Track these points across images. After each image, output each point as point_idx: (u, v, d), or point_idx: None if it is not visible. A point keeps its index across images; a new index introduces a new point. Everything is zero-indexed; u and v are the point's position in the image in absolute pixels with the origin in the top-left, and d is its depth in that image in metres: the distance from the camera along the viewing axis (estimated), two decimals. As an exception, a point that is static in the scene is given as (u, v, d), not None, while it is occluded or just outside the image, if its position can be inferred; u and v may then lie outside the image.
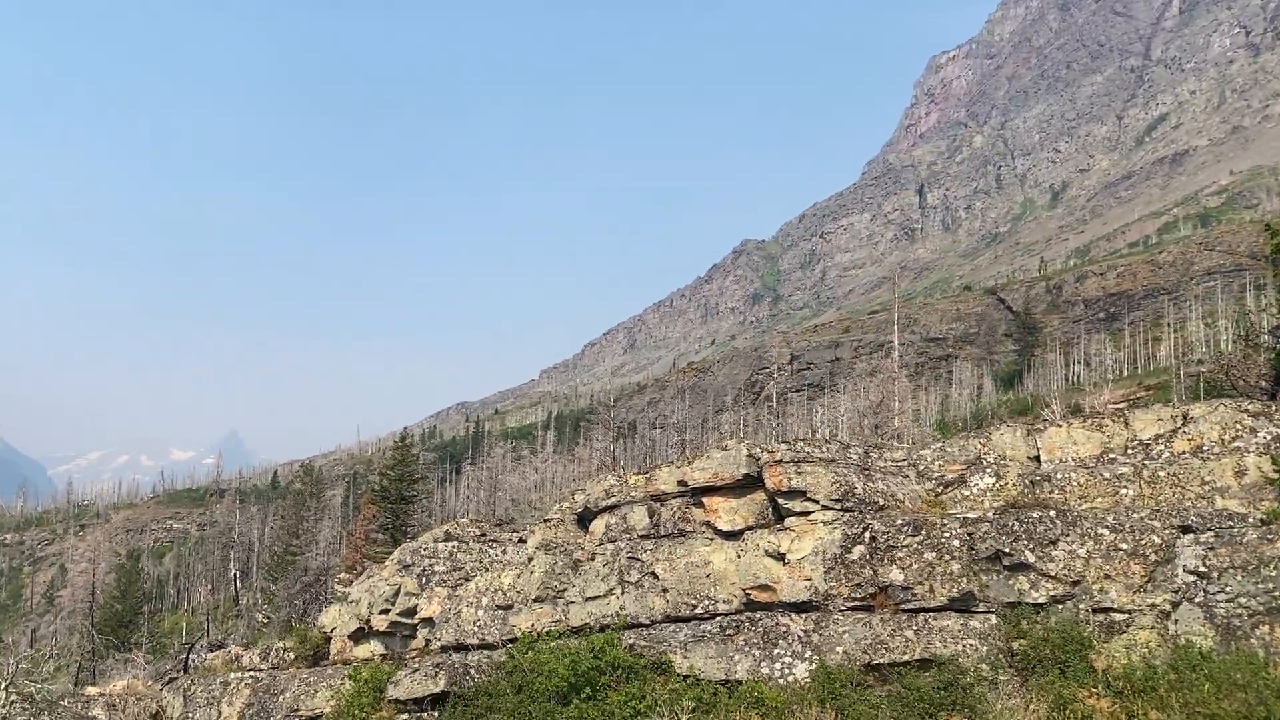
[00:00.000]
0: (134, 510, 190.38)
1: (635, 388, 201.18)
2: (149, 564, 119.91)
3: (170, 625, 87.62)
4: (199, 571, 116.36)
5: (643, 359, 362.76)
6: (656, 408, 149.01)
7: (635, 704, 12.84)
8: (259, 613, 66.62)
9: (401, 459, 57.56)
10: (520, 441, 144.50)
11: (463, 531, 21.58)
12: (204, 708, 20.00)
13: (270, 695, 18.85)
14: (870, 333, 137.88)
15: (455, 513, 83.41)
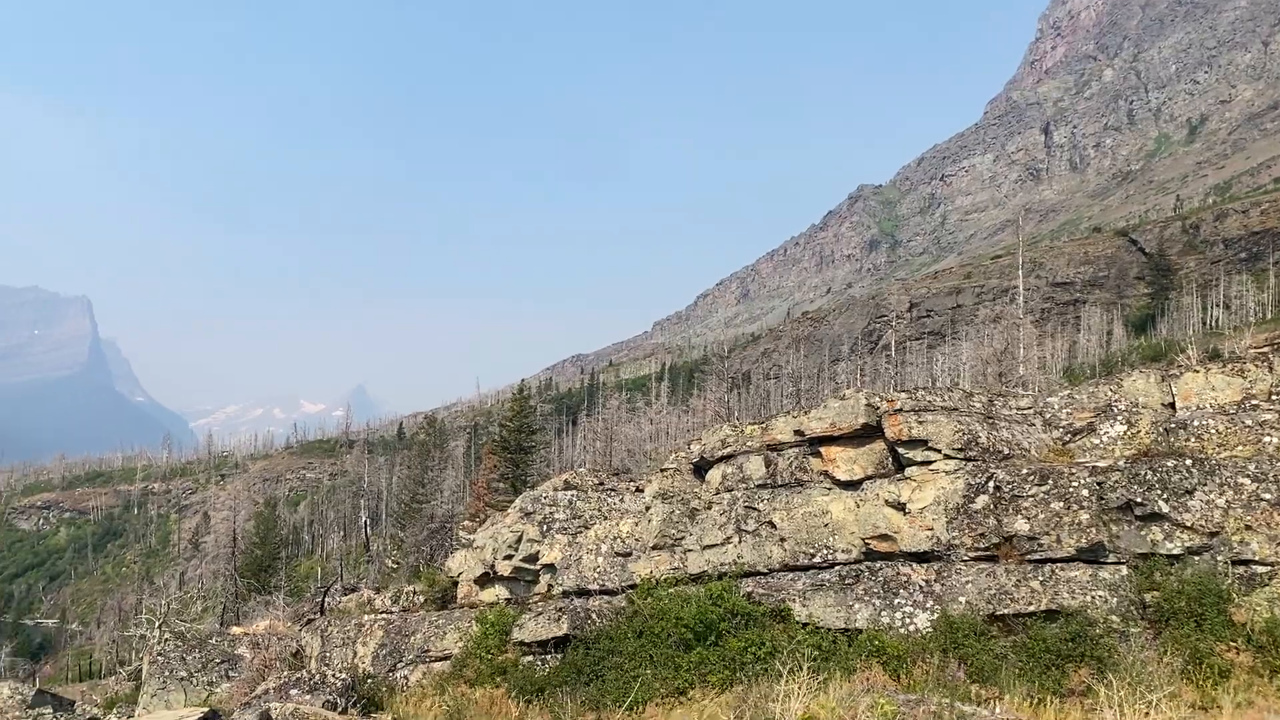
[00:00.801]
0: (270, 461, 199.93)
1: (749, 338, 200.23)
2: (285, 512, 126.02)
3: (306, 570, 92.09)
4: (331, 519, 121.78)
5: (756, 309, 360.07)
6: (771, 358, 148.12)
7: (755, 650, 12.95)
8: (388, 558, 69.39)
9: (520, 411, 58.85)
10: (634, 393, 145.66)
11: (581, 480, 21.95)
12: (340, 648, 20.95)
13: (402, 636, 19.63)
14: (993, 278, 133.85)
15: (572, 463, 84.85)
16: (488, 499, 51.50)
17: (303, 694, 16.14)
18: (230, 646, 25.18)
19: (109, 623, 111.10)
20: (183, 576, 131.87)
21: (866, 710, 9.58)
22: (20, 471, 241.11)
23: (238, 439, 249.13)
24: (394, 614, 21.95)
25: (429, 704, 14.83)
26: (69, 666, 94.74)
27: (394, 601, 24.38)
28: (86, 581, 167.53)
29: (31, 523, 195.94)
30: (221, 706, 17.96)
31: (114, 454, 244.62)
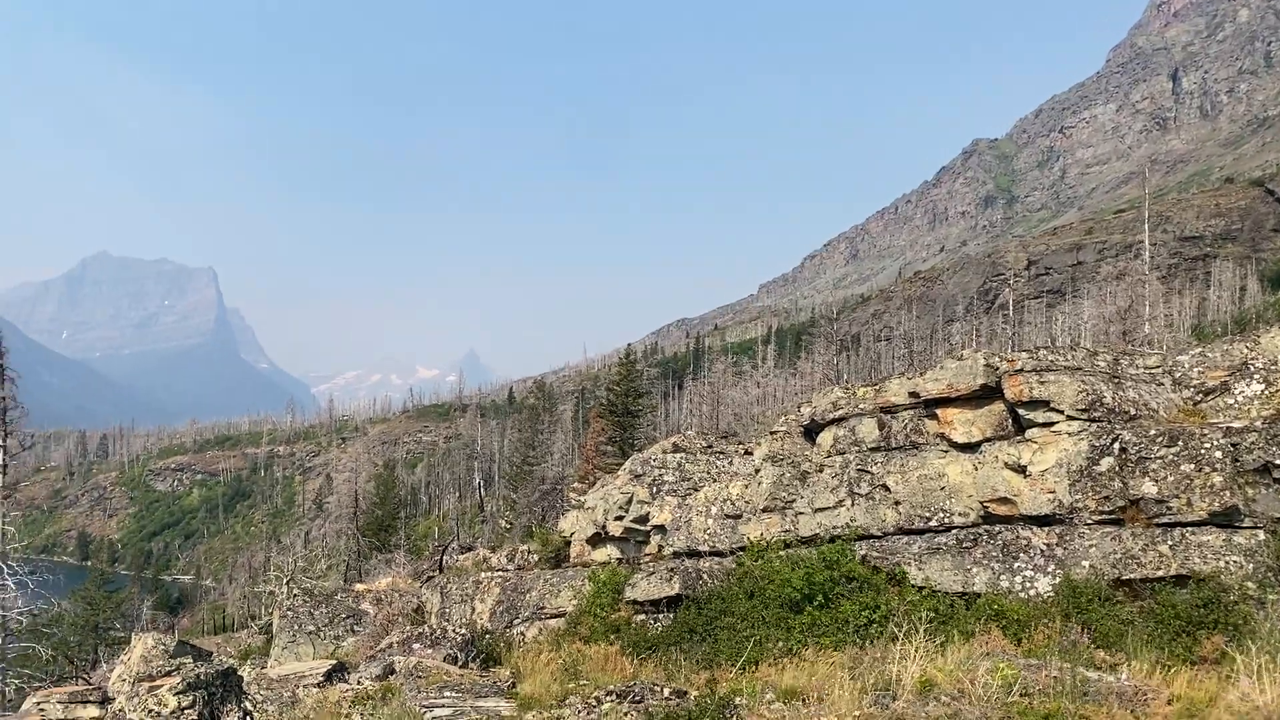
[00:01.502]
0: (387, 424, 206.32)
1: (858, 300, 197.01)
2: (403, 473, 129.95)
3: (424, 529, 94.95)
4: (446, 480, 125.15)
5: (866, 270, 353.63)
6: (881, 320, 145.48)
7: (869, 612, 12.85)
8: (502, 518, 71.03)
9: (626, 375, 59.24)
10: (740, 357, 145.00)
11: (690, 443, 22.01)
12: (459, 604, 21.59)
13: (518, 593, 20.12)
14: (1116, 233, 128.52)
15: (678, 427, 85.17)
16: (596, 462, 52.15)
17: (425, 648, 16.72)
18: (354, 602, 26.16)
19: (240, 579, 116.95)
20: (308, 535, 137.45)
21: (986, 673, 9.42)
22: (156, 435, 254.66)
23: (357, 404, 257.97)
24: (509, 572, 22.48)
25: (545, 659, 15.16)
26: (204, 620, 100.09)
27: (509, 560, 24.96)
28: (218, 540, 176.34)
29: (167, 484, 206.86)
30: (348, 659, 18.73)
31: (241, 419, 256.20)
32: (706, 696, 10.46)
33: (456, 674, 14.70)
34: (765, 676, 11.65)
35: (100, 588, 66.13)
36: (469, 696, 12.69)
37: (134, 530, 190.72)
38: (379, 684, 14.25)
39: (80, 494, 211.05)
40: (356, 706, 12.79)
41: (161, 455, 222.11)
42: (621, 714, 10.76)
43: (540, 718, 11.06)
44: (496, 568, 24.29)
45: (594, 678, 13.50)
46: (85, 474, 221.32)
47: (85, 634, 58.54)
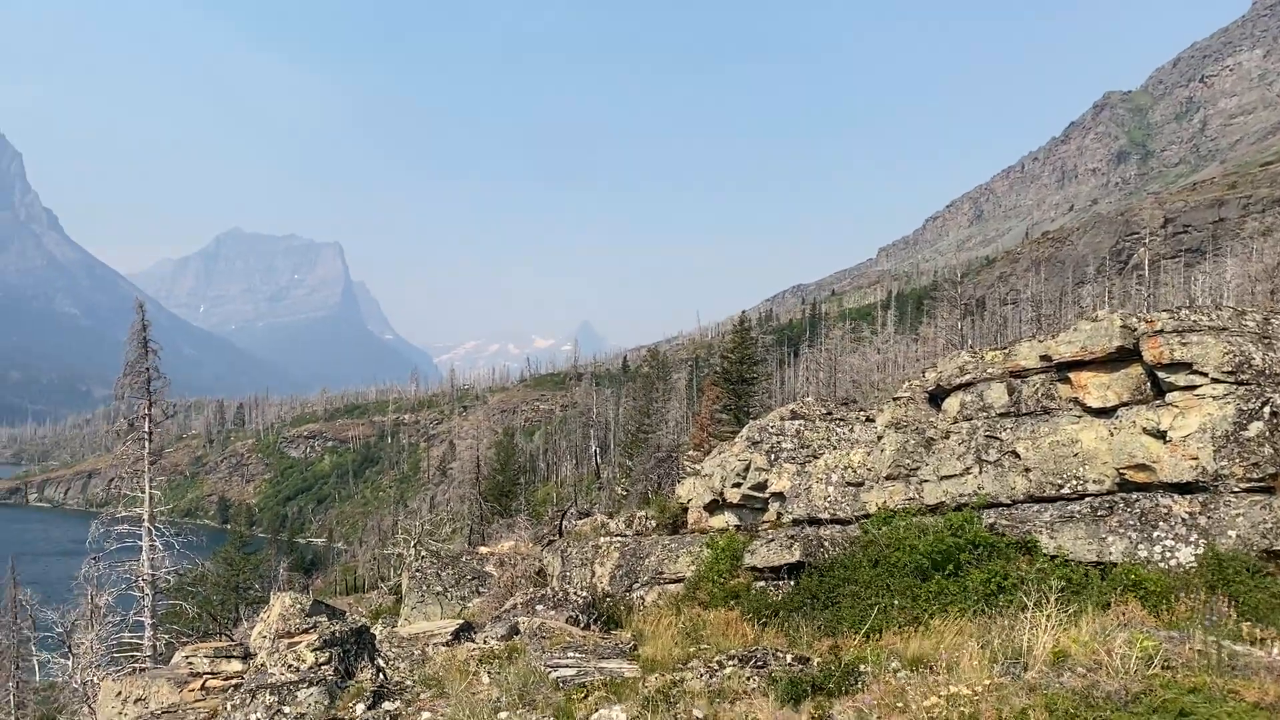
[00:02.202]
0: (506, 393, 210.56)
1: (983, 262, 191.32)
2: (521, 440, 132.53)
3: (542, 495, 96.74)
4: (563, 448, 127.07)
5: (990, 231, 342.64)
6: (1007, 282, 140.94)
7: (998, 581, 12.50)
8: (618, 485, 71.79)
9: (741, 342, 58.91)
10: (859, 322, 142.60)
11: (808, 410, 21.75)
12: (579, 567, 21.92)
13: (636, 558, 20.30)
14: (1263, 187, 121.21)
15: (794, 394, 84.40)
16: (711, 429, 52.13)
17: (548, 609, 17.02)
18: (479, 564, 26.85)
19: (370, 542, 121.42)
20: (432, 500, 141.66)
21: (1124, 645, 9.05)
22: (289, 405, 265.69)
23: (476, 373, 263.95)
24: (628, 538, 22.70)
25: (666, 623, 15.26)
26: (336, 581, 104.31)
27: (627, 526, 25.20)
28: (348, 504, 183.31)
29: (300, 451, 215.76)
30: (474, 619, 19.23)
31: (368, 388, 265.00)
32: (831, 663, 10.36)
33: (579, 635, 14.94)
34: (890, 644, 11.47)
35: (239, 550, 69.57)
36: (592, 657, 12.87)
37: (270, 495, 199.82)
38: (504, 644, 14.59)
39: (219, 460, 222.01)
40: (484, 665, 13.12)
41: (294, 424, 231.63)
42: (744, 678, 10.75)
43: (663, 680, 11.13)
44: (615, 533, 24.55)
45: (714, 642, 13.53)
46: (224, 442, 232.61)
47: (227, 593, 61.71)
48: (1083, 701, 8.02)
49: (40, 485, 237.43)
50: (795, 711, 9.63)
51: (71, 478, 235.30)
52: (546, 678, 11.96)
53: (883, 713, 8.99)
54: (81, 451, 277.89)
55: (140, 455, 32.06)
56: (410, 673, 14.40)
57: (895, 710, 8.95)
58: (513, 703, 11.24)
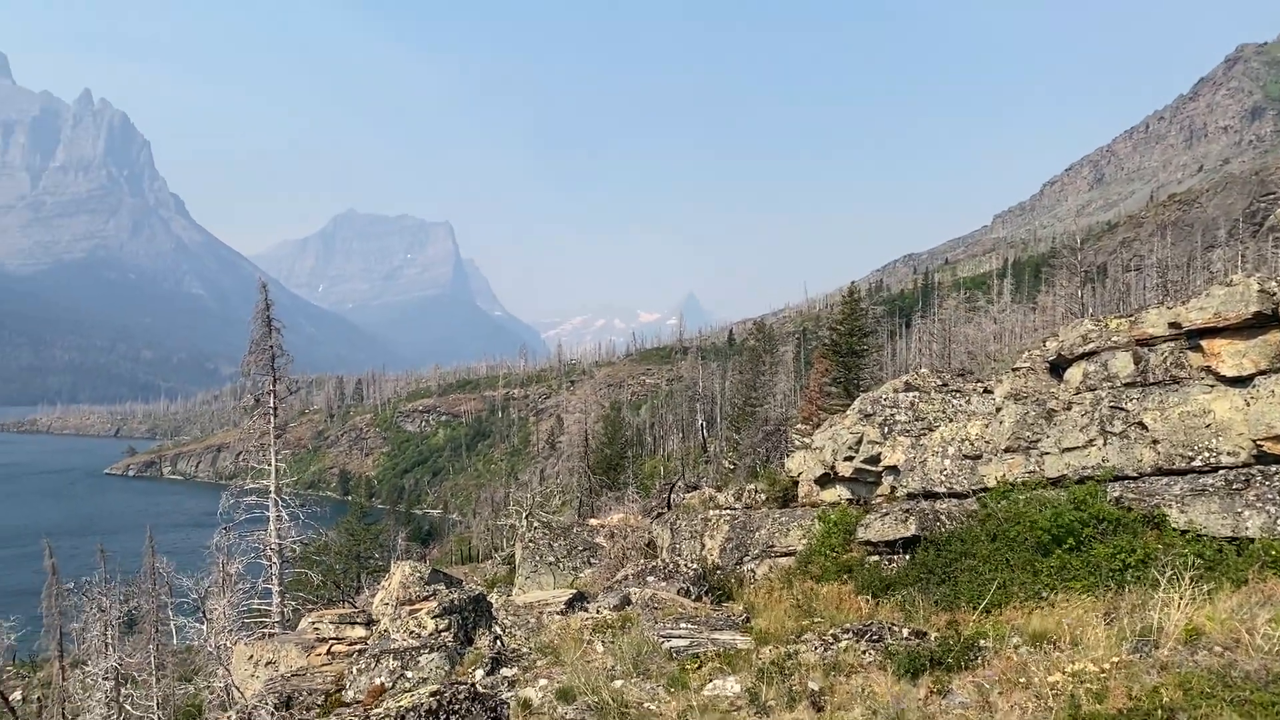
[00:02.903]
0: (612, 368, 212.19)
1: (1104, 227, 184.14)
2: (628, 414, 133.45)
3: (650, 469, 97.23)
4: (670, 421, 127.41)
5: (1112, 194, 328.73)
6: (1130, 248, 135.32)
7: (1124, 556, 12.06)
8: (725, 459, 71.70)
9: (850, 314, 57.95)
10: (974, 292, 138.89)
11: (923, 382, 21.30)
12: (689, 540, 22.00)
13: (746, 532, 20.27)
14: None
15: (906, 366, 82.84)
16: (820, 402, 51.56)
17: (659, 581, 17.16)
18: (589, 536, 27.22)
19: (483, 513, 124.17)
20: (542, 473, 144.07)
21: (1266, 623, 8.64)
22: (404, 380, 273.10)
23: (583, 348, 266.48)
24: (737, 511, 22.67)
25: (778, 596, 15.22)
26: (452, 551, 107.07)
27: (736, 499, 25.17)
28: (462, 477, 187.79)
29: (415, 425, 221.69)
30: (586, 589, 19.53)
31: (479, 364, 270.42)
32: (949, 637, 10.18)
33: (691, 607, 15.03)
34: (1010, 620, 11.21)
35: (360, 520, 72.03)
36: (705, 629, 12.93)
37: (388, 468, 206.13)
38: (617, 614, 14.77)
39: (340, 434, 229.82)
40: (598, 634, 13.30)
41: (409, 398, 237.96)
42: (859, 652, 10.65)
43: (776, 652, 11.11)
44: (724, 506, 24.56)
45: (828, 615, 13.44)
46: (343, 416, 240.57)
47: (349, 562, 63.97)
48: (1219, 681, 7.70)
49: (173, 459, 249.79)
50: (913, 685, 9.50)
51: (202, 451, 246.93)
52: (660, 648, 12.07)
53: (1004, 688, 8.80)
54: (210, 426, 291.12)
55: (266, 430, 33.32)
56: (526, 640, 14.71)
57: (1017, 686, 8.75)
58: (627, 671, 11.38)
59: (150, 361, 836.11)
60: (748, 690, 10.10)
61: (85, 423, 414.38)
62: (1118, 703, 7.70)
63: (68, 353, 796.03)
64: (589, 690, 10.44)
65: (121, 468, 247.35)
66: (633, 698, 10.34)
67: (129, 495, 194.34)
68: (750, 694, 9.98)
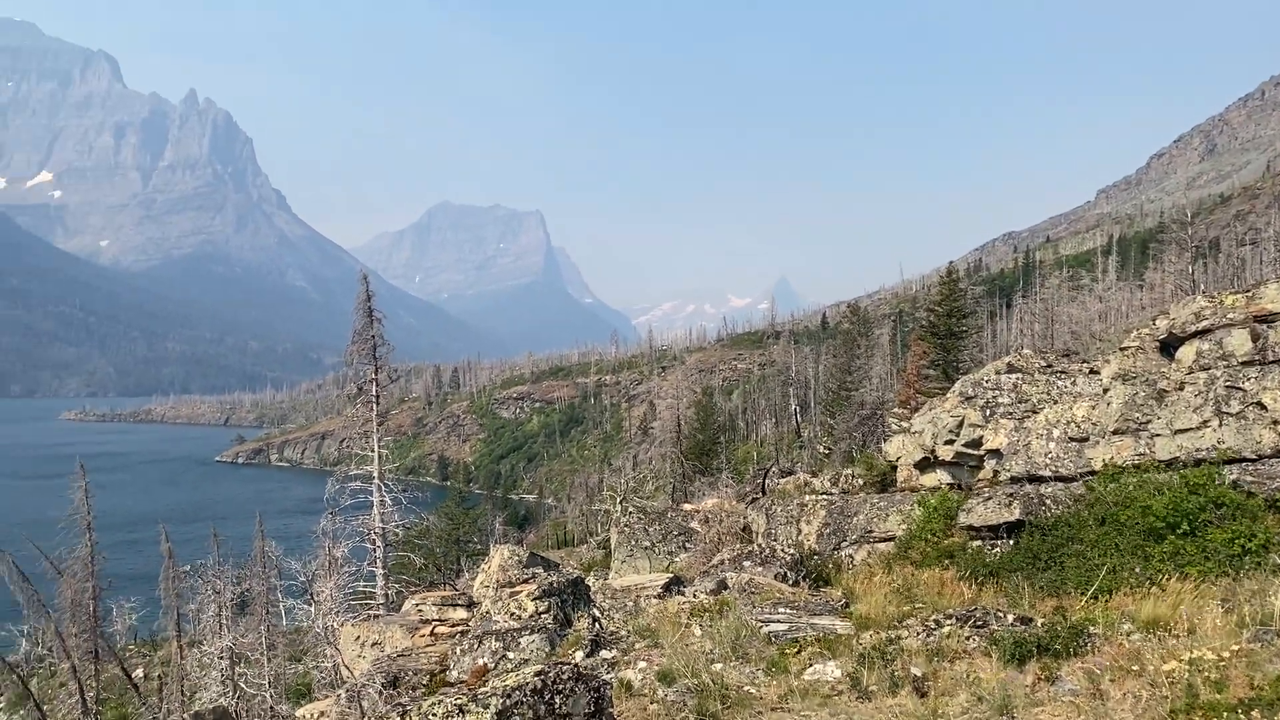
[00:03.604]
0: (703, 353, 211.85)
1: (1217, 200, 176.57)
2: (720, 400, 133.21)
3: (743, 454, 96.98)
4: (762, 406, 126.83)
5: (1225, 166, 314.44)
6: (1245, 221, 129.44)
7: (1243, 542, 11.59)
8: (820, 444, 71.09)
9: (948, 294, 56.79)
10: (1077, 270, 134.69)
11: (1026, 363, 20.77)
12: (784, 525, 21.89)
13: (844, 517, 20.08)
14: None
15: (1006, 348, 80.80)
16: (918, 386, 50.67)
17: (755, 566, 17.11)
18: (684, 521, 27.27)
19: (577, 498, 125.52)
20: (635, 458, 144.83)
21: (1400, 614, 8.23)
22: (498, 368, 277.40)
23: (674, 334, 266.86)
24: (834, 496, 22.48)
25: (876, 581, 15.05)
26: (547, 535, 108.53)
27: (833, 484, 24.95)
28: (556, 462, 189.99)
29: (510, 412, 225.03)
30: (682, 573, 19.60)
31: (571, 350, 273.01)
32: (1057, 623, 9.95)
33: (789, 592, 14.96)
34: (1120, 606, 10.89)
35: (459, 505, 73.48)
36: (803, 613, 12.87)
37: (484, 454, 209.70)
38: (714, 598, 14.79)
39: (438, 421, 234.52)
40: (695, 618, 13.35)
41: (504, 386, 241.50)
42: (963, 637, 10.48)
43: (877, 638, 11.01)
44: (820, 491, 24.36)
45: (929, 601, 13.25)
46: (441, 404, 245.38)
47: (448, 545, 65.38)
48: (1350, 672, 7.37)
49: (280, 446, 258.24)
50: (1020, 671, 9.32)
51: (307, 439, 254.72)
52: (758, 632, 12.06)
53: (1116, 675, 8.57)
54: (315, 414, 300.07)
55: (369, 417, 34.21)
56: (624, 623, 14.85)
57: (1129, 673, 8.51)
58: (725, 655, 11.40)
59: (257, 352, 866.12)
60: (849, 675, 10.03)
61: (196, 412, 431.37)
62: (1239, 692, 7.43)
63: (179, 345, 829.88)
64: (689, 673, 10.50)
65: (231, 455, 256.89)
66: (733, 681, 10.37)
67: (238, 482, 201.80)
68: (852, 679, 9.91)
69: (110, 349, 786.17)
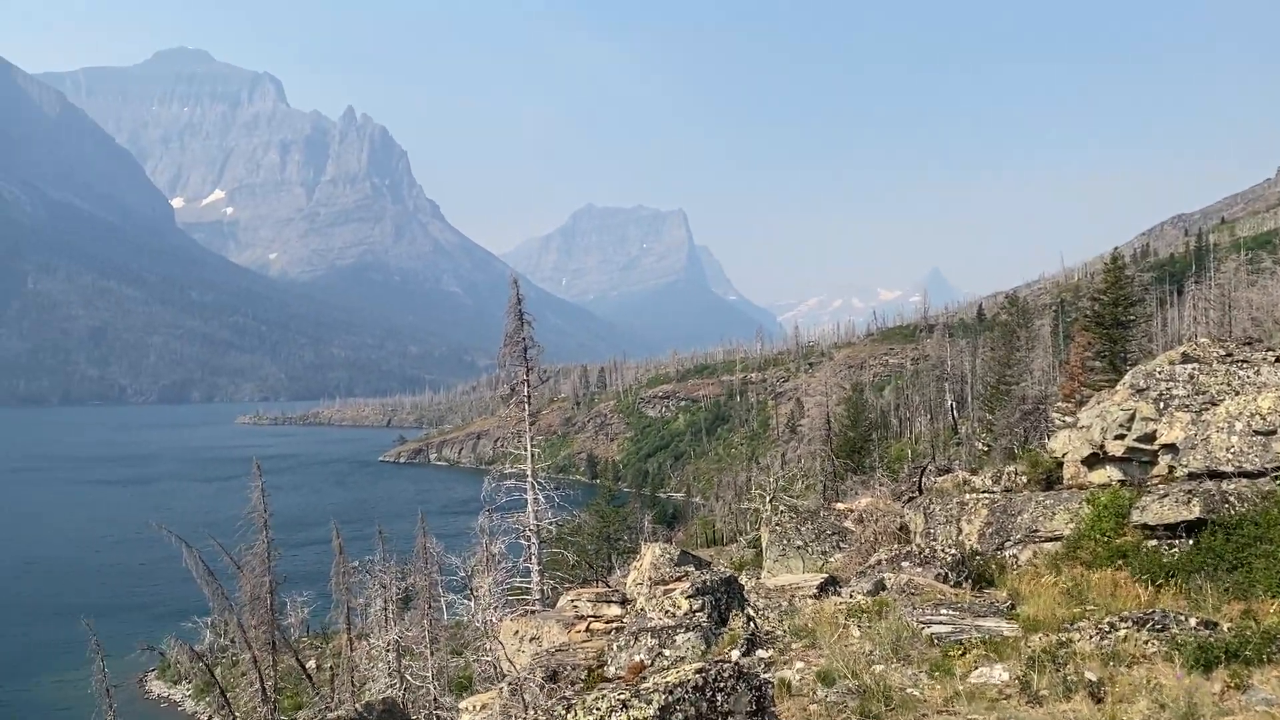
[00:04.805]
0: (852, 348, 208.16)
1: None
2: (871, 396, 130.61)
3: (896, 451, 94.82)
4: (916, 402, 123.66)
5: None
6: None
7: None
8: (978, 440, 68.83)
9: (1114, 282, 54.08)
10: (1257, 252, 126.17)
11: (1203, 352, 19.58)
12: (943, 525, 21.28)
13: (1007, 515, 19.37)
14: None
15: (1178, 336, 76.42)
16: (1082, 378, 48.48)
17: (914, 566, 16.71)
18: (837, 520, 26.86)
19: (725, 497, 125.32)
20: (783, 456, 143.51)
21: None
22: (643, 367, 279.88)
23: (821, 329, 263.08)
24: (995, 494, 21.72)
25: (1044, 582, 14.48)
26: (696, 533, 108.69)
27: (994, 482, 24.12)
28: (703, 460, 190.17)
29: (656, 410, 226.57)
30: (837, 573, 19.31)
31: (715, 348, 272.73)
32: (1246, 628, 9.34)
33: (950, 593, 14.54)
34: (1319, 612, 10.14)
35: (608, 503, 74.47)
36: (967, 615, 12.49)
37: (632, 452, 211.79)
38: (871, 598, 14.52)
39: (585, 421, 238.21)
40: (853, 618, 13.14)
41: (649, 385, 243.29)
42: (1140, 641, 9.97)
43: (1047, 640, 10.58)
44: (981, 489, 23.59)
45: (1101, 603, 12.67)
46: (589, 403, 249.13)
47: (599, 542, 66.38)
48: None
49: (438, 446, 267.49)
50: (1205, 679, 8.79)
51: (463, 439, 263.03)
52: (919, 633, 11.77)
53: (1317, 687, 7.98)
54: (470, 415, 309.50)
55: (522, 417, 35.11)
56: (779, 623, 14.74)
57: (1333, 685, 7.91)
58: (886, 656, 11.18)
59: (415, 356, 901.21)
60: (1017, 679, 9.68)
61: (360, 414, 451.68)
62: None
63: (344, 350, 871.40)
64: (849, 673, 10.34)
65: (393, 455, 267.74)
66: (895, 683, 10.15)
67: (400, 481, 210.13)
68: (1021, 682, 9.56)
69: (281, 356, 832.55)
